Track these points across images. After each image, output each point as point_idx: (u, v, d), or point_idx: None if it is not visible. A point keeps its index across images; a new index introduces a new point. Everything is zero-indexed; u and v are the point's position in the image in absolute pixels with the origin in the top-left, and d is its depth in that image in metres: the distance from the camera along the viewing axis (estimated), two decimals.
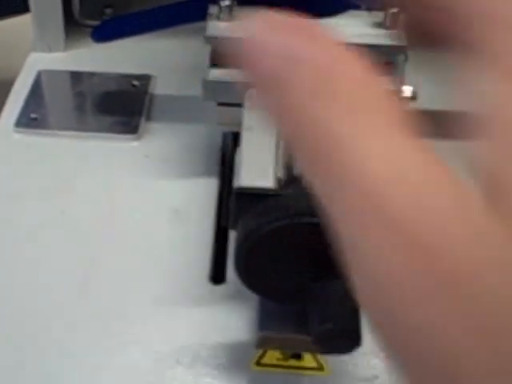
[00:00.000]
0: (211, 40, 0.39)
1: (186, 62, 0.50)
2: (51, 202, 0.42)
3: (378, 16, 0.39)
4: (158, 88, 0.50)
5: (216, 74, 0.39)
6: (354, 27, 0.39)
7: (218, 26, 0.39)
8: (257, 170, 0.34)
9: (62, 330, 0.36)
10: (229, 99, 0.40)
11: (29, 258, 0.39)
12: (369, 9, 0.40)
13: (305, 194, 0.32)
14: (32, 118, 0.46)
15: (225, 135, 0.45)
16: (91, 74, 0.50)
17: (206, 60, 0.39)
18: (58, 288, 0.38)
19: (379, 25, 0.39)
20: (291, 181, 0.34)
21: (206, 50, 0.39)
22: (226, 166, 0.44)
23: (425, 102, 0.38)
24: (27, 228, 0.41)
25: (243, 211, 0.33)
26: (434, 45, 0.19)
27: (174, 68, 0.51)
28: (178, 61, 0.51)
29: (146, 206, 0.42)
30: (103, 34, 0.44)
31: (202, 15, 0.41)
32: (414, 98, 0.39)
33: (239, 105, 0.39)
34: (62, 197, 0.42)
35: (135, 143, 0.46)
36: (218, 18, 0.39)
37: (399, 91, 0.38)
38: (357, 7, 0.41)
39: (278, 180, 0.34)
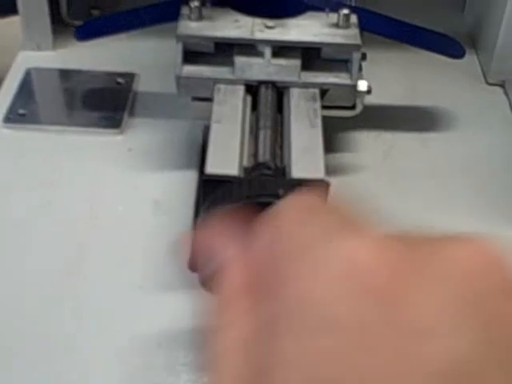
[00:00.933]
0: (182, 38, 0.42)
1: (168, 60, 0.52)
2: (39, 193, 0.44)
3: (334, 17, 0.42)
4: (141, 85, 0.52)
5: (188, 70, 0.42)
6: (312, 27, 0.42)
7: (188, 26, 0.42)
8: (223, 159, 0.37)
9: (48, 318, 0.38)
10: (202, 94, 0.43)
11: (16, 247, 0.41)
12: (325, 10, 0.43)
13: (266, 180, 0.35)
14: (20, 113, 0.49)
15: (205, 129, 0.48)
16: (78, 72, 0.53)
17: (178, 57, 0.42)
18: (45, 276, 0.40)
19: (335, 25, 0.42)
20: (255, 167, 0.37)
21: (178, 48, 0.42)
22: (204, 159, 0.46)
23: None
24: (15, 218, 0.43)
25: (209, 195, 0.35)
26: None
27: (156, 66, 0.53)
28: (160, 59, 0.53)
29: (129, 197, 0.45)
30: (85, 33, 0.47)
31: (177, 15, 0.44)
32: (369, 91, 0.42)
33: (210, 99, 0.42)
34: (49, 189, 0.45)
35: (119, 137, 0.48)
36: (189, 18, 0.42)
37: (355, 86, 0.41)
38: (315, 9, 0.43)
39: (244, 168, 0.37)
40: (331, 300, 0.17)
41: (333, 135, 0.48)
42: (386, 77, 0.52)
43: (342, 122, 0.46)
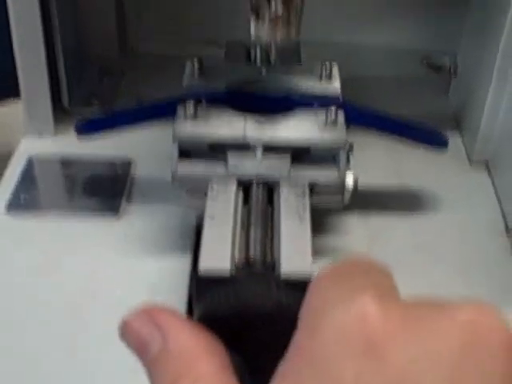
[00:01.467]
0: (178, 138, 0.44)
1: (164, 148, 0.55)
2: (39, 278, 0.46)
3: (322, 114, 0.45)
4: (138, 172, 0.55)
5: (183, 166, 0.45)
6: (301, 125, 0.45)
7: (183, 125, 0.44)
8: (215, 256, 0.39)
9: None
10: (195, 188, 0.45)
11: (20, 329, 0.43)
12: (314, 106, 0.46)
13: (256, 279, 0.36)
14: (22, 200, 0.51)
15: (198, 217, 0.50)
16: (78, 159, 0.55)
17: (174, 155, 0.44)
18: (46, 356, 0.41)
19: (323, 123, 0.44)
20: (246, 263, 0.39)
21: (174, 147, 0.44)
22: (198, 245, 0.48)
23: None
24: (19, 301, 0.45)
25: (202, 295, 0.37)
26: None
27: (152, 153, 0.55)
28: (156, 147, 0.55)
29: (125, 281, 0.46)
30: (85, 129, 0.49)
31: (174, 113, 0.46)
32: (356, 186, 0.44)
33: (204, 193, 0.44)
34: (49, 274, 0.47)
35: (116, 223, 0.50)
36: (185, 118, 0.45)
37: (342, 181, 0.44)
38: (304, 105, 0.46)
39: (235, 264, 0.39)
40: (336, 356, 0.20)
41: (321, 218, 0.50)
42: (372, 160, 0.55)
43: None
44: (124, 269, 0.47)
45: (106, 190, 0.53)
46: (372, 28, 0.73)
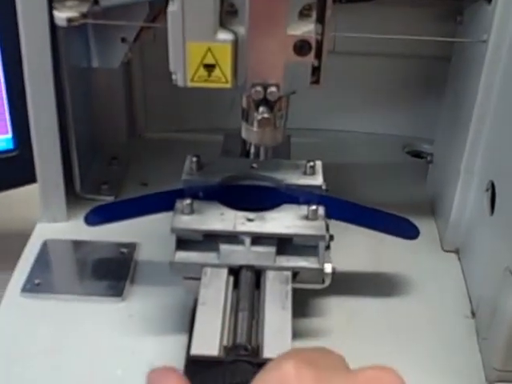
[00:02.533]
0: (176, 231, 0.49)
1: (166, 231, 0.59)
2: (49, 358, 0.50)
3: (304, 209, 0.49)
4: (142, 254, 0.59)
5: (180, 256, 0.49)
6: (285, 220, 0.49)
7: (181, 219, 0.49)
8: (205, 341, 0.43)
9: None
10: (191, 275, 0.49)
11: None
12: (298, 203, 0.50)
13: (241, 363, 0.40)
14: (36, 283, 0.56)
15: (195, 300, 0.54)
16: (87, 243, 0.60)
17: (172, 245, 0.49)
18: None
19: (305, 217, 0.49)
20: (233, 348, 0.43)
21: (172, 238, 0.49)
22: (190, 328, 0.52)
23: None
24: (29, 378, 0.49)
25: (195, 375, 0.41)
26: None
27: (155, 236, 0.60)
28: (159, 229, 0.60)
29: (126, 361, 0.50)
30: (93, 220, 0.54)
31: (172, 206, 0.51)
32: (333, 273, 0.48)
33: (199, 279, 0.49)
34: (57, 353, 0.50)
35: (121, 304, 0.55)
36: (182, 212, 0.49)
37: (321, 269, 0.48)
38: (290, 202, 0.51)
39: (224, 347, 0.43)
40: None
41: (302, 300, 0.54)
42: (351, 245, 0.59)
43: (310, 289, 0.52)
44: (126, 349, 0.51)
45: (113, 272, 0.57)
46: (355, 116, 0.78)
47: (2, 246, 0.66)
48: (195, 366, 0.42)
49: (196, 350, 0.42)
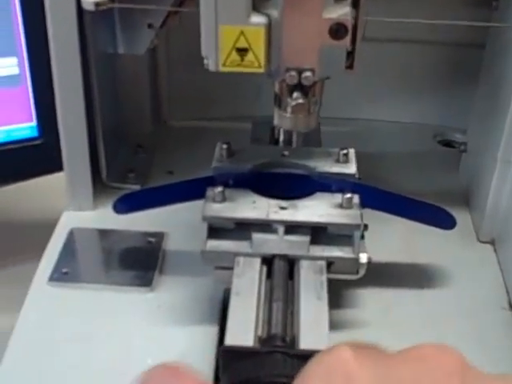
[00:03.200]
0: (207, 219, 0.47)
1: (194, 220, 0.58)
2: (78, 347, 0.49)
3: (338, 198, 0.48)
4: (170, 244, 0.58)
5: (212, 244, 0.48)
6: (319, 208, 0.48)
7: (212, 207, 0.48)
8: (240, 331, 0.42)
9: None
10: (223, 264, 0.48)
11: None
12: (331, 191, 0.49)
13: (277, 354, 0.39)
14: (63, 272, 0.55)
15: (226, 290, 0.52)
16: (113, 232, 0.59)
17: (204, 234, 0.48)
18: None
19: (339, 206, 0.48)
20: (269, 339, 0.42)
21: (204, 226, 0.48)
22: (224, 317, 0.50)
23: None
24: (57, 371, 0.48)
25: (228, 366, 0.40)
26: None
27: (183, 225, 0.59)
28: (187, 219, 0.58)
29: (156, 351, 0.49)
30: (123, 208, 0.53)
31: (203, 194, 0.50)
32: (369, 263, 0.47)
33: (231, 268, 0.47)
34: (86, 342, 0.49)
35: (149, 295, 0.53)
36: (213, 200, 0.48)
37: (356, 259, 0.46)
38: (323, 190, 0.49)
39: (259, 338, 0.42)
40: None
41: (336, 292, 0.52)
42: (385, 236, 0.57)
43: (345, 281, 0.51)
44: (155, 339, 0.50)
45: (141, 262, 0.56)
46: (387, 105, 0.77)
47: (28, 235, 0.65)
48: (229, 357, 0.40)
49: (230, 341, 0.40)
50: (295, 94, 0.45)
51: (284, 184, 0.51)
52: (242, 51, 0.44)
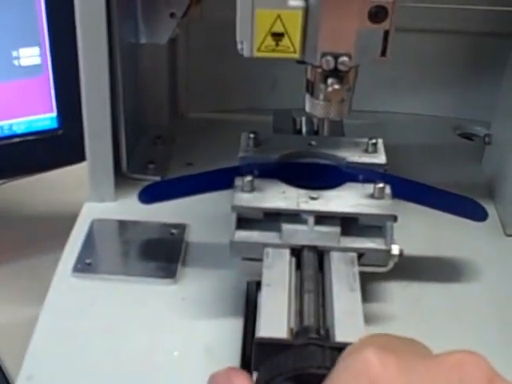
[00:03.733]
0: (236, 208, 0.46)
1: (217, 211, 0.56)
2: (101, 338, 0.48)
3: (370, 188, 0.47)
4: (192, 236, 0.57)
5: (240, 235, 0.46)
6: (350, 198, 0.46)
7: (241, 197, 0.47)
8: (273, 323, 0.40)
9: None
10: (251, 255, 0.47)
11: None
12: (362, 182, 0.47)
13: (312, 346, 0.38)
14: (87, 263, 0.53)
15: (249, 283, 0.51)
16: (135, 223, 0.57)
17: (232, 224, 0.46)
18: None
19: (371, 196, 0.46)
20: (302, 331, 0.41)
21: (232, 217, 0.46)
22: (249, 310, 0.49)
23: None
24: (82, 362, 0.46)
25: (262, 358, 0.39)
26: None
27: (206, 217, 0.57)
28: (209, 210, 0.57)
29: (182, 343, 0.47)
30: (148, 198, 0.52)
31: (230, 184, 0.48)
32: (401, 254, 0.45)
33: (259, 260, 0.46)
34: (109, 335, 0.48)
35: (173, 287, 0.52)
36: (242, 190, 0.47)
37: (388, 250, 0.45)
38: (352, 180, 0.48)
39: (291, 330, 0.40)
40: None
41: (364, 286, 0.51)
42: (406, 227, 0.56)
43: (372, 274, 0.50)
44: (181, 332, 0.48)
45: (163, 253, 0.55)
46: (404, 97, 0.75)
47: (49, 226, 0.64)
48: (261, 349, 0.39)
49: (263, 333, 0.39)
50: (330, 80, 0.44)
51: (312, 174, 0.50)
52: (278, 36, 0.43)
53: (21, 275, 0.60)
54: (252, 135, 0.51)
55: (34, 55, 0.57)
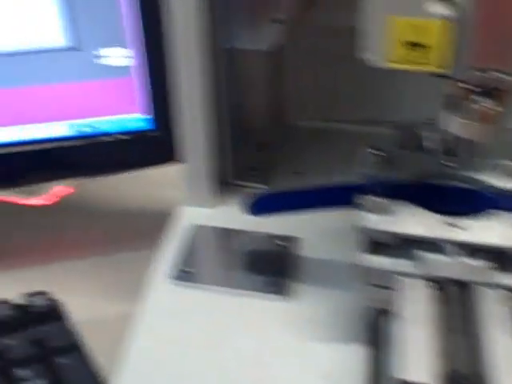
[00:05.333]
0: (367, 230, 0.41)
1: (333, 225, 0.51)
2: (201, 352, 0.44)
3: None
4: (302, 250, 0.52)
5: (370, 260, 0.41)
6: (498, 228, 0.40)
7: (369, 218, 0.41)
8: (418, 365, 0.35)
9: None
10: (379, 282, 0.41)
11: None
12: (504, 209, 0.41)
13: None
14: (186, 271, 0.49)
15: (376, 312, 0.45)
16: (237, 232, 0.53)
17: (359, 247, 0.41)
18: None
19: None
20: (451, 377, 0.35)
21: (359, 239, 0.41)
22: (372, 337, 0.44)
23: None
24: (181, 374, 0.43)
25: None
26: None
27: (318, 230, 0.52)
28: (323, 225, 0.52)
29: (294, 367, 0.43)
30: (258, 209, 0.47)
31: (349, 202, 0.43)
32: None
33: (387, 287, 0.41)
34: (211, 349, 0.44)
35: (283, 304, 0.47)
36: (369, 210, 0.41)
37: None
38: (495, 207, 0.42)
39: (436, 375, 0.35)
40: None
41: None
42: None
43: None
44: (294, 353, 0.44)
45: (269, 267, 0.50)
46: None
47: (138, 223, 0.60)
48: None
49: (408, 376, 0.34)
50: (487, 100, 0.39)
51: (447, 198, 0.44)
52: (417, 46, 0.37)
53: (109, 270, 0.56)
54: (375, 151, 0.46)
55: (130, 56, 0.54)
